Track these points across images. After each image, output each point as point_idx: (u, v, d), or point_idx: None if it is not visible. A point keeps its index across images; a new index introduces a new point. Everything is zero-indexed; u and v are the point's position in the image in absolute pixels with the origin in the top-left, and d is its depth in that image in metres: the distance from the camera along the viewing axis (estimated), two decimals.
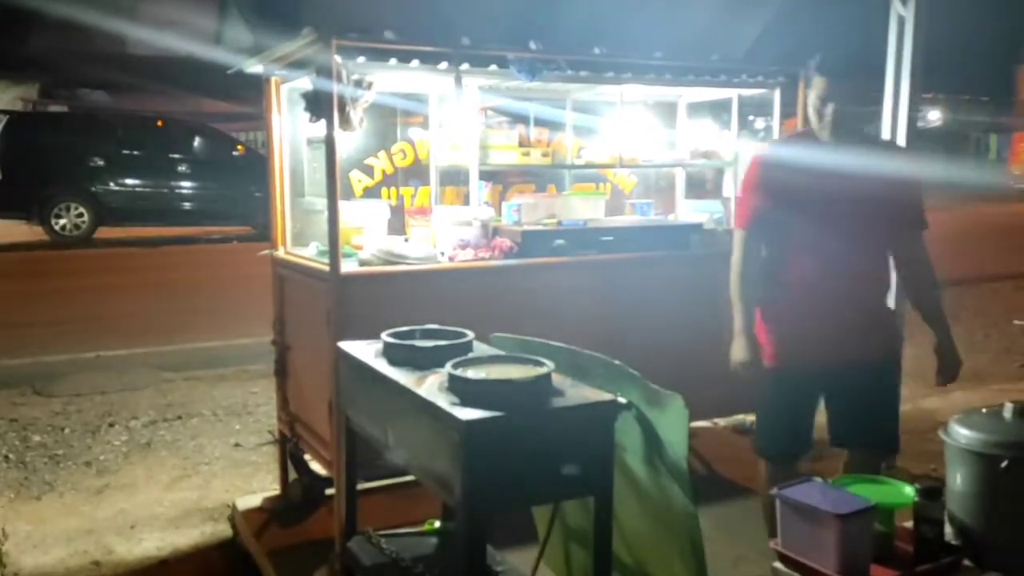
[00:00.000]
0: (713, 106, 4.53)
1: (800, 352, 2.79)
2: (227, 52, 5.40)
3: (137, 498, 4.14)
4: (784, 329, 2.82)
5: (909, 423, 4.57)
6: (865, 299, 2.80)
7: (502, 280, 3.43)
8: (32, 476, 4.40)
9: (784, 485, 2.21)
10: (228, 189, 13.78)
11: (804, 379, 2.82)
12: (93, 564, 3.50)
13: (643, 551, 2.39)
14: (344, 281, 3.11)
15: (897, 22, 4.00)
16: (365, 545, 2.50)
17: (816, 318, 2.76)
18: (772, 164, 2.84)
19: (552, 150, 4.11)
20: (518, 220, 3.73)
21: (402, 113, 3.99)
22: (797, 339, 2.79)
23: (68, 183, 13.14)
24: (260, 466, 4.51)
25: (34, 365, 6.40)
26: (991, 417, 2.29)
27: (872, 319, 2.83)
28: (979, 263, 11.50)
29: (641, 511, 2.30)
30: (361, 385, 2.39)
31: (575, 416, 1.95)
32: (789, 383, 2.83)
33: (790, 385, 2.83)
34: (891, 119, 4.06)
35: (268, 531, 3.59)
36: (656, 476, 2.17)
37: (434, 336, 2.38)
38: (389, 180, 3.98)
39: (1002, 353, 6.98)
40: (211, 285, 9.54)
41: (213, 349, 6.84)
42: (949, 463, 2.34)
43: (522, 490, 1.94)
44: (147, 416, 5.29)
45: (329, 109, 3.07)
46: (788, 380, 2.83)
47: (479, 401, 1.88)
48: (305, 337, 3.56)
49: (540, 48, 3.40)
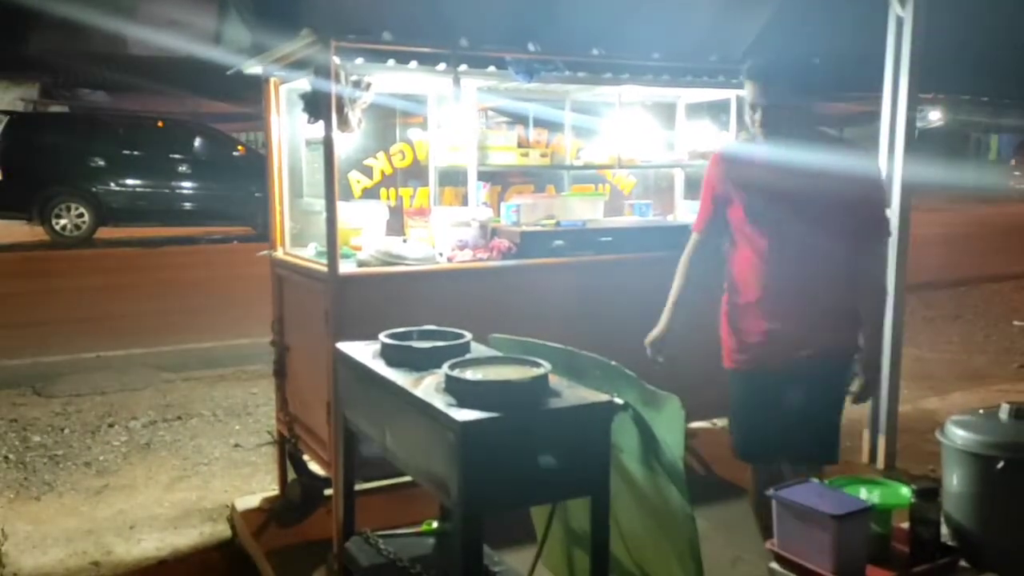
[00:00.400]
0: (712, 107, 4.53)
1: (750, 354, 2.80)
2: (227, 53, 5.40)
3: (136, 498, 4.14)
4: (737, 330, 2.84)
5: (908, 423, 4.59)
6: (805, 302, 2.70)
7: (501, 281, 3.44)
8: (32, 476, 4.40)
9: (781, 486, 2.22)
10: (228, 189, 13.78)
11: (760, 381, 2.81)
12: (92, 564, 3.51)
13: (640, 551, 2.39)
14: (342, 282, 3.12)
15: (896, 23, 4.00)
16: (363, 546, 2.51)
17: (758, 320, 2.76)
18: (722, 165, 2.87)
19: (551, 151, 4.12)
20: (517, 221, 3.74)
21: (401, 114, 4.00)
22: (745, 341, 2.80)
23: (69, 183, 13.14)
24: (259, 467, 4.52)
25: (34, 365, 6.40)
26: (987, 418, 2.31)
27: (813, 323, 2.72)
28: (979, 263, 11.51)
29: (638, 512, 2.31)
30: (359, 386, 2.39)
31: (572, 417, 1.95)
32: (749, 384, 2.84)
33: (750, 387, 2.84)
34: (890, 120, 4.07)
35: (267, 531, 3.60)
36: (653, 477, 2.18)
37: (432, 337, 2.39)
38: (388, 181, 3.98)
39: (1002, 354, 6.98)
40: (211, 285, 9.55)
41: (213, 349, 6.84)
42: (946, 464, 2.35)
43: (519, 491, 1.94)
44: (147, 416, 5.29)
45: (327, 110, 3.08)
46: (747, 381, 2.84)
47: (476, 402, 1.89)
48: (304, 338, 3.56)
49: (538, 49, 3.41)
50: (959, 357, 6.88)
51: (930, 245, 11.20)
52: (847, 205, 2.65)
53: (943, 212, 17.51)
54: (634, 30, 3.57)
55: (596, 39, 3.56)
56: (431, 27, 3.26)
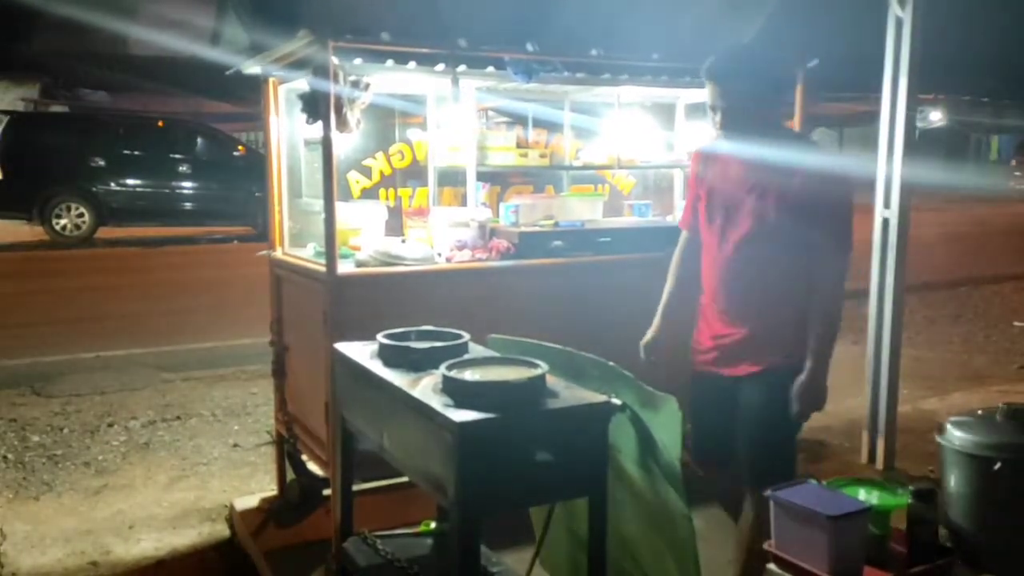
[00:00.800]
0: None
1: (700, 357, 2.75)
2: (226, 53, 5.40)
3: (135, 498, 4.14)
4: (698, 330, 2.79)
5: (908, 424, 4.59)
6: (752, 312, 2.58)
7: (499, 281, 3.44)
8: (31, 476, 4.40)
9: (779, 487, 2.22)
10: (229, 189, 13.79)
11: (708, 383, 2.74)
12: (91, 564, 3.51)
13: (638, 552, 2.39)
14: (341, 282, 3.12)
15: (895, 24, 4.00)
16: (361, 546, 2.51)
17: (708, 323, 2.72)
18: (696, 162, 2.82)
19: (550, 151, 4.12)
20: (516, 221, 3.73)
21: (400, 114, 3.99)
22: (700, 342, 2.76)
23: (69, 183, 13.14)
24: (258, 466, 4.52)
25: (33, 365, 6.40)
26: (986, 420, 2.30)
27: (756, 335, 2.59)
28: (980, 264, 11.51)
29: (636, 512, 2.31)
30: (357, 386, 2.40)
31: (569, 418, 1.95)
32: (698, 386, 2.79)
33: (699, 388, 2.78)
34: (889, 120, 4.07)
35: (265, 532, 3.60)
36: (650, 477, 2.18)
37: (430, 337, 2.39)
38: (387, 181, 3.98)
39: (1002, 354, 6.98)
40: (211, 285, 9.55)
41: (212, 349, 6.85)
42: (944, 465, 2.35)
43: (516, 492, 1.94)
44: (146, 416, 5.29)
45: (326, 110, 3.07)
46: (697, 382, 2.79)
47: (473, 403, 1.89)
48: (302, 338, 3.56)
49: (537, 49, 3.41)
50: (959, 357, 6.88)
51: (930, 245, 11.21)
52: (801, 213, 2.47)
53: (943, 212, 17.51)
54: (633, 30, 3.57)
55: (595, 39, 3.56)
56: (430, 27, 3.26)
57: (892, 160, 4.07)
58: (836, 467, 4.17)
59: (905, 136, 4.03)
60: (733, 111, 2.55)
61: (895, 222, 4.05)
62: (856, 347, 5.03)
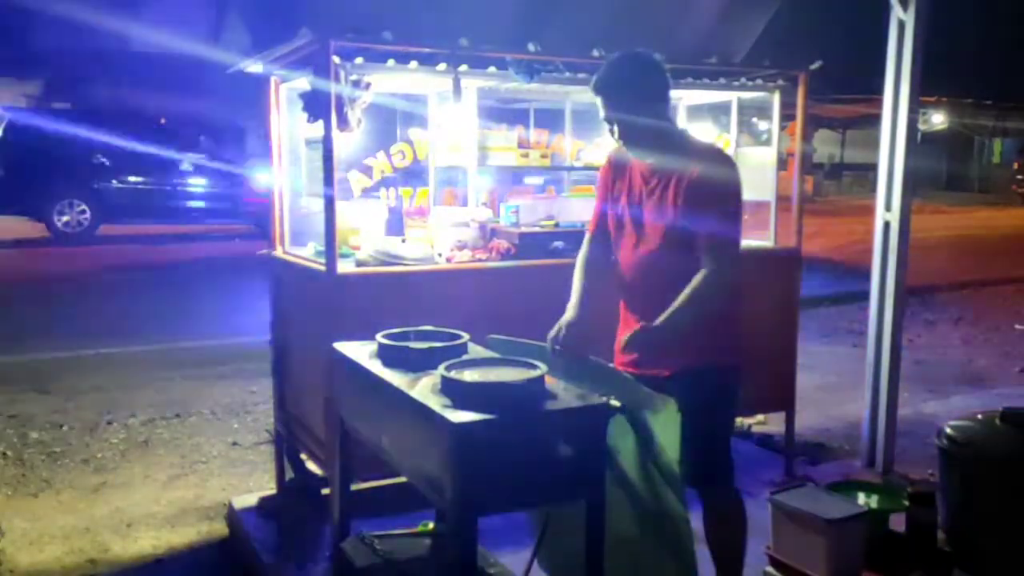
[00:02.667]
0: (713, 108, 4.52)
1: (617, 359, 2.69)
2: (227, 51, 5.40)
3: (134, 496, 4.14)
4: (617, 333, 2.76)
5: (908, 427, 4.58)
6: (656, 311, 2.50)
7: (499, 282, 3.43)
8: (30, 473, 4.40)
9: (777, 490, 2.22)
10: (230, 187, 13.80)
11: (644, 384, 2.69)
12: (89, 562, 3.51)
13: (636, 553, 2.39)
14: (340, 281, 3.12)
15: (897, 26, 3.99)
16: (359, 546, 2.51)
17: (624, 324, 2.71)
18: (605, 171, 2.80)
19: (551, 151, 4.11)
20: (516, 222, 3.73)
21: (401, 114, 3.99)
22: (617, 344, 2.71)
23: (71, 180, 13.16)
24: (257, 465, 4.52)
25: (33, 362, 6.40)
26: (985, 423, 2.30)
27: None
28: (982, 266, 11.50)
29: (634, 513, 2.30)
30: (356, 386, 2.39)
31: (567, 419, 1.95)
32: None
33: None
34: (891, 123, 4.06)
35: (264, 530, 3.59)
36: (648, 479, 2.18)
37: (429, 338, 2.39)
38: (388, 181, 3.98)
39: (1002, 357, 6.97)
40: (211, 283, 9.55)
41: (212, 348, 6.84)
42: (943, 469, 2.34)
43: (514, 493, 1.94)
44: (145, 414, 5.29)
45: (327, 109, 3.07)
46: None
47: (471, 403, 1.89)
48: (302, 337, 3.56)
49: (538, 50, 3.41)
50: (960, 360, 6.87)
51: (932, 248, 11.20)
52: (696, 199, 2.48)
53: (946, 215, 17.50)
54: (633, 32, 3.57)
55: (596, 40, 3.55)
56: (431, 27, 3.26)
57: (894, 162, 4.06)
58: (835, 470, 4.17)
59: (907, 138, 4.02)
60: (625, 122, 2.55)
61: (896, 225, 4.04)
62: (856, 350, 5.02)
